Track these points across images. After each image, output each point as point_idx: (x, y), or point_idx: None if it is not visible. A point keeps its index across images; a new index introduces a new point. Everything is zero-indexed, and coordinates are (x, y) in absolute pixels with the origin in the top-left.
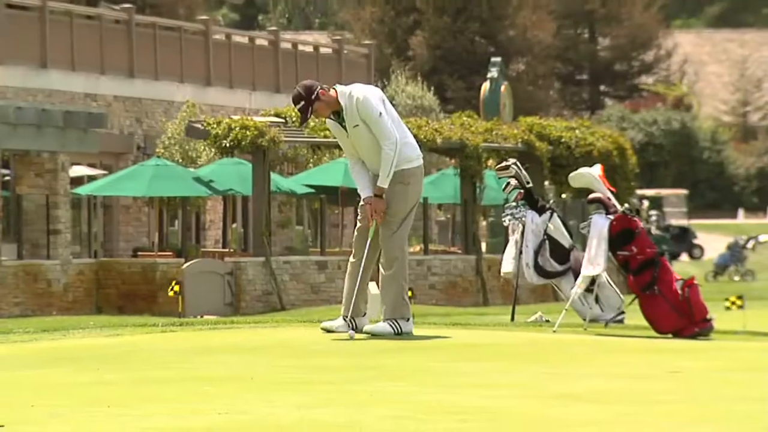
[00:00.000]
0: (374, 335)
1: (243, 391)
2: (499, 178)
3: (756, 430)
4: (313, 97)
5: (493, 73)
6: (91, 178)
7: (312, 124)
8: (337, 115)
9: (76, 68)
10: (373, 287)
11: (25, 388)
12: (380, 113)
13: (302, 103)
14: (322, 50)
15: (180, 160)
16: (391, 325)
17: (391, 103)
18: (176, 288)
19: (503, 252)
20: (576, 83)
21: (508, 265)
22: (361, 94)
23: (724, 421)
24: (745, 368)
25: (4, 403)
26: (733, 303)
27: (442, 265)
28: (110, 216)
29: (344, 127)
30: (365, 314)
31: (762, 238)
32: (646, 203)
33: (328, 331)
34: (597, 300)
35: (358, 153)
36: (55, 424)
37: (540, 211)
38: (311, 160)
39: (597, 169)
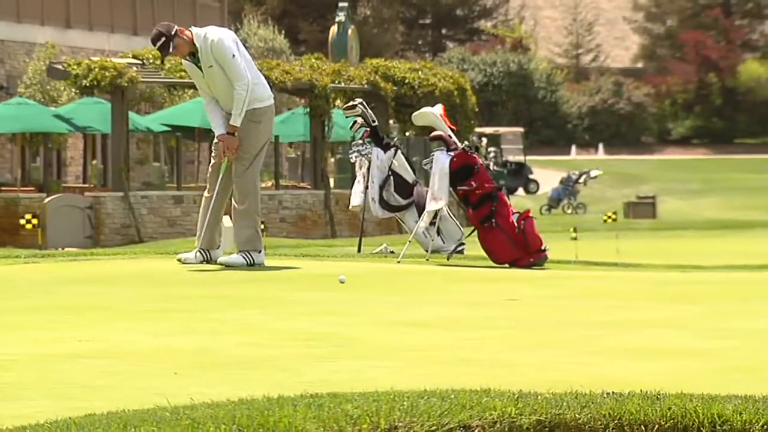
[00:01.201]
0: (228, 266)
1: (102, 320)
2: (347, 117)
3: (587, 353)
4: (172, 33)
5: (341, 17)
6: None
7: (168, 65)
8: (193, 56)
9: None
10: (227, 221)
11: None
12: (233, 55)
13: (162, 39)
14: None
15: (42, 99)
16: (244, 257)
17: (244, 45)
18: (34, 221)
19: (351, 187)
20: (419, 27)
21: (355, 200)
22: (215, 37)
23: (559, 344)
24: (577, 295)
25: None
26: (572, 234)
27: (292, 200)
28: None
29: (200, 68)
30: (219, 246)
31: (593, 173)
32: (484, 140)
33: (184, 262)
34: (439, 232)
35: (212, 92)
36: None
37: (385, 148)
38: (167, 100)
39: (438, 109)
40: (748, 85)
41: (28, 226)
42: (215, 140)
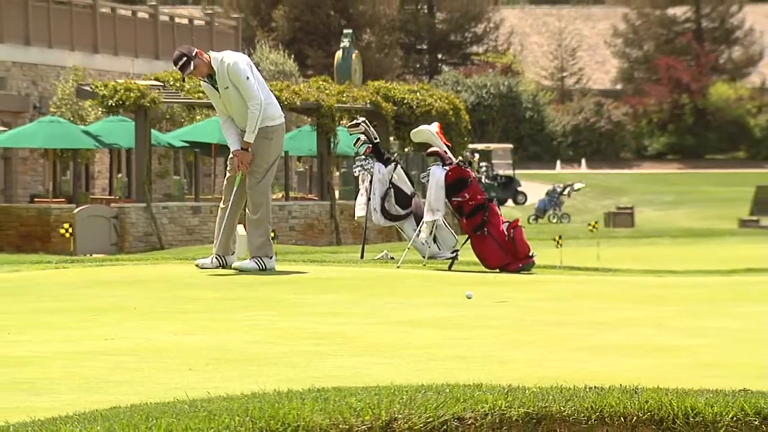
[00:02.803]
0: (242, 271)
1: (126, 320)
2: (351, 134)
3: (571, 350)
4: (192, 54)
5: (345, 42)
6: None
7: (187, 86)
8: (211, 77)
9: None
10: (240, 229)
11: None
12: (247, 77)
13: (183, 60)
14: (196, 22)
15: (71, 118)
16: (256, 262)
17: (257, 68)
18: (69, 229)
19: (354, 199)
20: (417, 52)
21: (358, 210)
22: (231, 60)
23: (545, 343)
24: (561, 297)
25: None
26: (557, 242)
27: (300, 210)
28: (10, 167)
29: (216, 89)
30: (234, 252)
31: (576, 185)
32: (477, 156)
33: (201, 267)
34: (435, 240)
35: (228, 111)
36: None
37: (386, 162)
38: (186, 119)
39: (435, 127)
40: (718, 105)
41: (67, 234)
42: (231, 155)
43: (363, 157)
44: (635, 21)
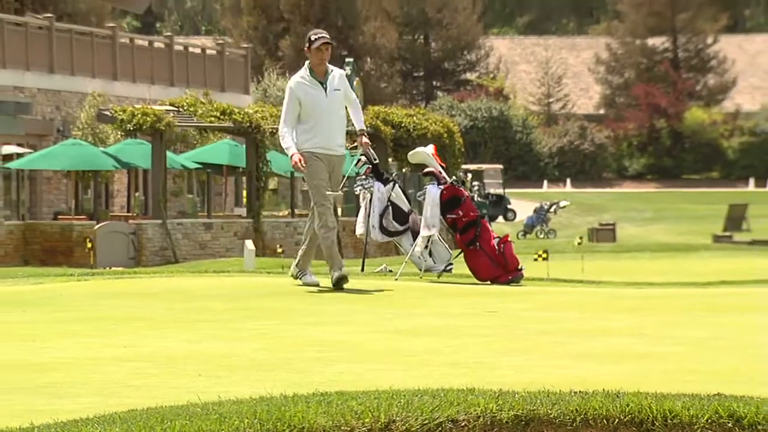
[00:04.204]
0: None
1: (143, 329)
2: (352, 155)
3: (557, 357)
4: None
5: (347, 70)
6: (20, 155)
7: (200, 111)
8: (318, 83)
9: (7, 66)
10: (249, 244)
11: None
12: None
13: (329, 39)
14: (208, 52)
15: (92, 141)
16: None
17: (264, 95)
18: (90, 245)
19: (355, 216)
20: (413, 79)
21: (359, 227)
22: (343, 72)
23: (533, 350)
24: (548, 308)
25: None
26: (540, 256)
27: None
28: (35, 186)
29: (324, 89)
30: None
31: (562, 203)
32: (469, 176)
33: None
34: (430, 254)
35: (318, 112)
36: None
37: (384, 182)
38: (199, 141)
39: (430, 148)
40: (693, 129)
41: (87, 249)
42: (326, 190)
43: (363, 176)
44: (617, 50)
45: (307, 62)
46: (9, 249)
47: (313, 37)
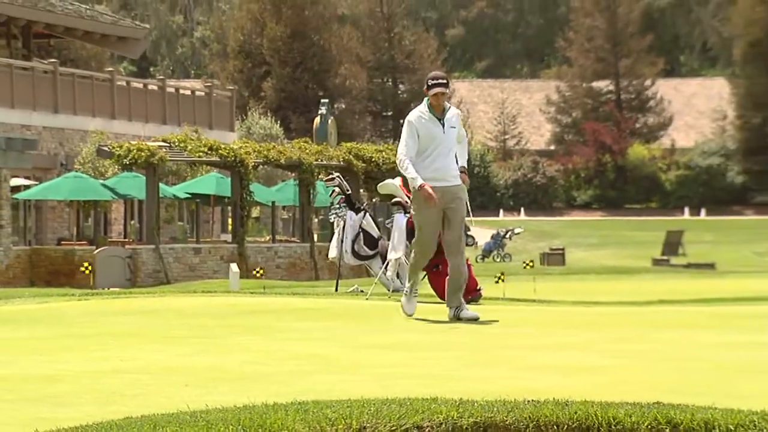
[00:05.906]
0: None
1: (138, 344)
2: (327, 186)
3: (513, 369)
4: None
5: (323, 110)
6: (27, 187)
7: (189, 147)
8: (437, 119)
9: (15, 106)
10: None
11: None
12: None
13: (447, 82)
14: (197, 93)
15: (92, 174)
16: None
17: (248, 132)
18: (90, 267)
19: (330, 241)
20: (383, 117)
21: (333, 251)
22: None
23: (491, 362)
24: (504, 324)
25: None
26: (500, 278)
27: (285, 251)
28: (41, 215)
29: (442, 125)
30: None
31: (517, 230)
32: None
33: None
34: (398, 276)
35: (433, 146)
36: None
37: (356, 211)
38: (189, 174)
39: (398, 181)
40: (635, 163)
41: (87, 272)
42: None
43: (337, 206)
44: (566, 92)
45: (426, 99)
46: (17, 271)
47: (430, 83)
